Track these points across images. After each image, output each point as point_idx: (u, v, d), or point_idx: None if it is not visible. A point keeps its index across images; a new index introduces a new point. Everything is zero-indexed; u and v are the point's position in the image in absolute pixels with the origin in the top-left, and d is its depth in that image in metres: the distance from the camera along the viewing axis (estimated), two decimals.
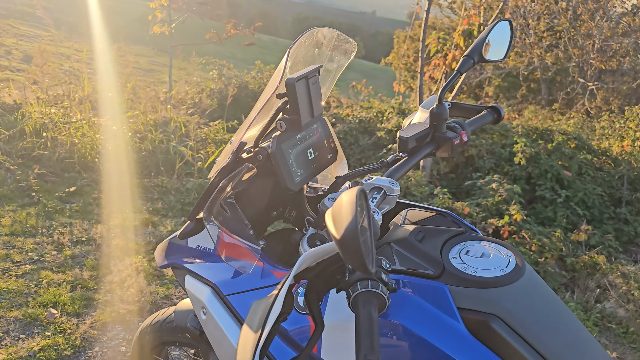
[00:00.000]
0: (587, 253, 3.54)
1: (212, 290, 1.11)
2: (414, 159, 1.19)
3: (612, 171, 5.11)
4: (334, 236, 0.61)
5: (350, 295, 0.75)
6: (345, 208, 0.62)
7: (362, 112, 6.25)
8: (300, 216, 1.16)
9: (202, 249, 1.17)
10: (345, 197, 0.64)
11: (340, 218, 0.61)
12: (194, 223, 1.10)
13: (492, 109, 1.32)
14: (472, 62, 1.22)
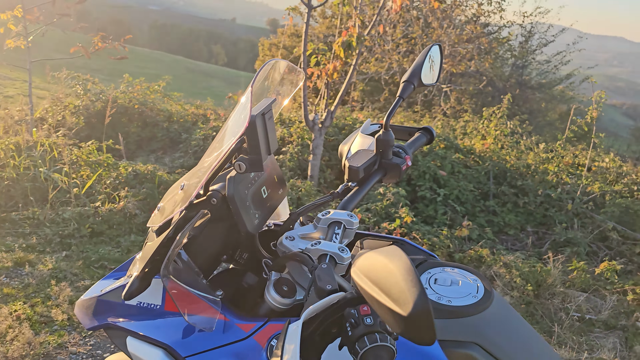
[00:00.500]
0: (472, 247, 3.84)
1: (165, 353, 0.99)
2: (364, 187, 1.18)
3: (478, 168, 5.60)
4: (397, 312, 0.56)
5: (359, 351, 0.71)
6: (403, 277, 0.58)
7: None
8: (253, 258, 1.09)
9: (144, 305, 1.04)
10: (397, 262, 0.60)
11: (400, 289, 0.57)
12: (138, 280, 0.97)
13: (424, 130, 1.35)
14: (413, 87, 1.23)
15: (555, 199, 5.22)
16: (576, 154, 6.51)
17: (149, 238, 1.08)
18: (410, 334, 0.57)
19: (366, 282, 0.63)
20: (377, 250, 0.67)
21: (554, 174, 5.53)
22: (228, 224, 1.03)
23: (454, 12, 14.93)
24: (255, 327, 0.96)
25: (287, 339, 0.71)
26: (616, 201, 5.37)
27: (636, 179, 6.19)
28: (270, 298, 0.96)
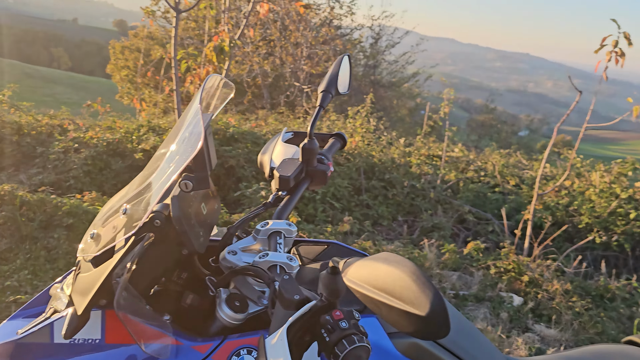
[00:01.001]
0: (356, 241, 4.04)
1: None
2: (295, 195, 1.21)
3: (349, 165, 5.88)
4: (414, 313, 0.60)
5: (339, 354, 0.75)
6: (414, 280, 0.62)
7: (107, 133, 5.77)
8: (192, 277, 1.06)
9: (80, 342, 0.96)
10: (403, 267, 0.64)
11: (413, 292, 0.61)
12: (77, 315, 0.90)
13: (337, 136, 1.42)
14: (331, 96, 1.29)
15: (419, 189, 5.69)
16: (430, 146, 7.14)
17: (81, 269, 1.00)
18: (428, 331, 0.62)
19: (369, 290, 0.67)
20: (371, 258, 0.71)
21: (417, 166, 6.01)
22: (169, 245, 1.00)
23: (309, 15, 15.40)
24: (212, 346, 0.94)
25: (269, 353, 0.73)
26: (469, 187, 6.01)
27: (481, 165, 6.97)
28: (223, 315, 0.95)
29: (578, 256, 4.24)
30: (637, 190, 5.17)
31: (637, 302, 3.63)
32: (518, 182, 6.22)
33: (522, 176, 6.58)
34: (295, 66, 15.04)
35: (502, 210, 5.01)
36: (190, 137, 0.89)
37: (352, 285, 0.70)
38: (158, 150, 1.07)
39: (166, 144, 1.04)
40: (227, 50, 4.23)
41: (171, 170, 0.88)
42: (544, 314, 3.44)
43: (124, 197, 1.00)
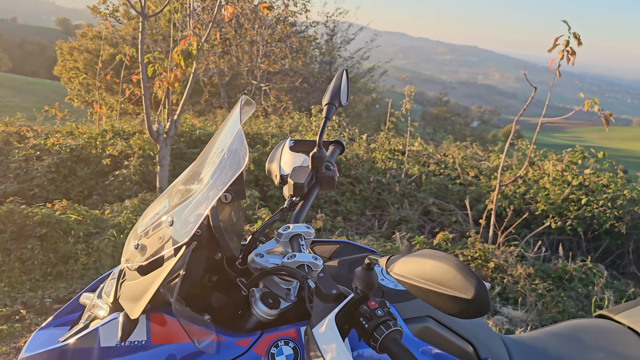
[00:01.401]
0: (330, 237, 4.17)
1: None
2: (309, 200, 1.31)
3: None
4: (461, 297, 0.71)
5: (378, 338, 0.86)
6: (458, 270, 0.73)
7: (69, 139, 5.68)
8: (221, 280, 1.15)
9: (126, 344, 1.04)
10: (447, 260, 0.75)
11: (459, 279, 0.73)
12: (130, 320, 0.98)
13: (336, 143, 1.52)
14: (335, 108, 1.39)
15: (385, 184, 5.87)
16: (391, 141, 7.35)
17: (126, 278, 1.07)
18: (473, 312, 0.74)
19: (418, 281, 0.78)
20: (415, 255, 0.82)
21: (381, 161, 6.19)
22: (206, 251, 1.09)
23: (264, 13, 15.37)
24: (252, 340, 1.04)
25: (320, 340, 0.83)
26: (431, 180, 6.24)
27: (441, 158, 7.24)
28: (259, 311, 1.05)
29: (538, 242, 4.51)
30: (587, 177, 5.52)
31: (593, 282, 3.92)
32: (477, 174, 6.51)
33: (480, 167, 6.88)
34: (252, 64, 15.02)
35: (465, 201, 5.24)
36: (235, 153, 0.98)
37: (400, 279, 0.81)
38: (195, 162, 1.15)
39: (205, 155, 1.12)
40: (195, 54, 4.26)
41: (213, 183, 0.97)
42: (510, 297, 3.67)
43: (163, 208, 1.08)
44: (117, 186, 4.80)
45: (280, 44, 15.18)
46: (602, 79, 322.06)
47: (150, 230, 1.04)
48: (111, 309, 1.07)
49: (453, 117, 24.40)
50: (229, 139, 1.03)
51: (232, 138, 1.00)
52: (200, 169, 1.09)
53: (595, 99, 3.40)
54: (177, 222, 0.97)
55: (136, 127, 5.87)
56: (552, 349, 1.36)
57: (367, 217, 5.50)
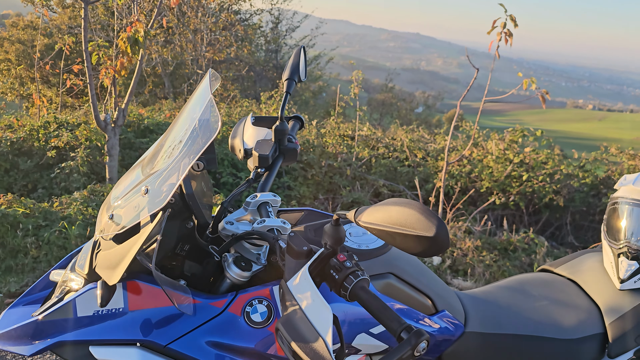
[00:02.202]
0: None
1: (141, 349, 1.05)
2: (273, 171, 1.37)
3: None
4: (424, 235, 0.79)
5: (348, 288, 0.93)
6: (421, 212, 0.80)
7: (8, 132, 5.45)
8: (195, 247, 1.18)
9: (104, 312, 1.06)
10: (410, 205, 0.82)
11: (422, 220, 0.80)
12: (109, 287, 1.01)
13: (296, 118, 1.58)
14: (295, 83, 1.45)
15: (336, 167, 5.97)
16: (340, 126, 7.46)
17: (102, 248, 1.09)
18: (436, 248, 0.81)
19: (385, 226, 0.85)
20: (381, 204, 0.89)
21: (332, 146, 6.28)
22: (179, 220, 1.12)
23: (207, 1, 15.12)
24: (227, 301, 1.09)
25: (295, 291, 0.90)
26: (381, 162, 6.40)
27: (389, 142, 7.42)
28: (233, 274, 1.10)
29: (484, 217, 4.73)
30: (527, 155, 5.82)
31: (535, 251, 4.16)
32: (424, 155, 6.72)
33: (427, 149, 7.10)
34: (196, 53, 14.75)
35: (415, 181, 5.42)
36: (206, 121, 1.01)
37: (368, 226, 0.88)
38: (164, 135, 1.18)
39: (174, 128, 1.15)
40: (142, 40, 4.18)
41: (186, 151, 1.01)
42: (460, 269, 3.85)
43: (137, 179, 1.11)
44: (64, 178, 4.67)
45: (225, 32, 14.97)
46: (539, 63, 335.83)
47: (123, 201, 1.07)
48: (86, 280, 1.10)
49: (399, 103, 24.86)
50: (198, 109, 1.07)
51: (203, 107, 1.04)
52: (170, 140, 1.12)
53: (532, 78, 3.60)
54: (151, 191, 1.01)
55: (81, 118, 5.70)
56: (501, 300, 1.49)
57: (320, 201, 5.59)
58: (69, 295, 1.09)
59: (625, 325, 1.46)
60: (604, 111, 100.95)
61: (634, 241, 1.56)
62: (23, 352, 1.08)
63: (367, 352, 1.19)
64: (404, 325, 0.85)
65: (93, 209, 3.89)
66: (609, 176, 5.78)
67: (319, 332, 0.82)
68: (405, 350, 0.81)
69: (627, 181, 1.65)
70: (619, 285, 1.56)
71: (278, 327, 0.87)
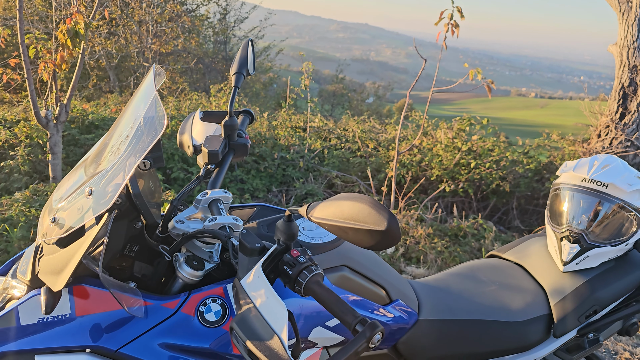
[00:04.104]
0: None
1: (90, 355, 1.01)
2: (223, 167, 1.34)
3: None
4: (376, 229, 0.79)
5: (302, 283, 0.93)
6: (372, 206, 0.80)
7: None
8: (144, 248, 1.15)
9: (49, 319, 1.02)
10: (361, 200, 0.82)
11: (373, 214, 0.80)
12: (53, 293, 0.96)
13: (245, 113, 1.56)
14: (243, 76, 1.42)
15: (289, 160, 5.96)
16: (291, 118, 7.44)
17: (44, 252, 1.04)
18: (387, 242, 0.82)
19: (337, 221, 0.85)
20: (333, 199, 0.89)
21: (284, 138, 6.26)
22: (126, 221, 1.09)
23: None
24: (180, 301, 1.07)
25: (249, 288, 0.89)
26: (333, 154, 6.43)
27: (341, 133, 7.46)
28: (185, 274, 1.08)
29: (435, 204, 4.84)
30: (474, 143, 5.98)
31: (484, 236, 4.30)
32: (376, 145, 6.80)
33: (379, 139, 7.18)
34: (142, 45, 14.33)
35: (367, 171, 5.48)
36: (151, 119, 0.98)
37: (320, 222, 0.88)
38: (107, 134, 1.13)
39: (118, 125, 1.11)
40: (83, 33, 4.03)
41: (131, 150, 0.97)
42: (413, 256, 3.93)
43: (79, 180, 1.06)
44: (4, 178, 4.45)
45: (171, 23, 14.59)
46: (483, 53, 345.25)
47: (67, 203, 1.03)
48: (29, 287, 1.05)
49: (349, 94, 24.99)
50: (143, 106, 1.03)
51: (148, 105, 1.00)
52: (115, 138, 1.08)
53: (478, 69, 3.70)
54: (96, 192, 0.97)
55: (19, 115, 5.44)
56: (453, 286, 1.53)
57: (273, 193, 5.57)
58: (11, 304, 1.04)
59: (568, 305, 1.53)
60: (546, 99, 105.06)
61: (575, 225, 1.64)
62: None
63: (323, 344, 1.20)
64: (359, 318, 0.86)
65: (36, 209, 3.73)
66: (551, 161, 6.02)
67: (274, 330, 0.81)
68: (361, 343, 0.82)
69: (567, 167, 1.73)
70: (562, 267, 1.63)
71: (232, 327, 0.86)
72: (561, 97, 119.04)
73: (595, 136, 5.64)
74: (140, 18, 14.19)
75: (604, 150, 5.43)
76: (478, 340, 1.42)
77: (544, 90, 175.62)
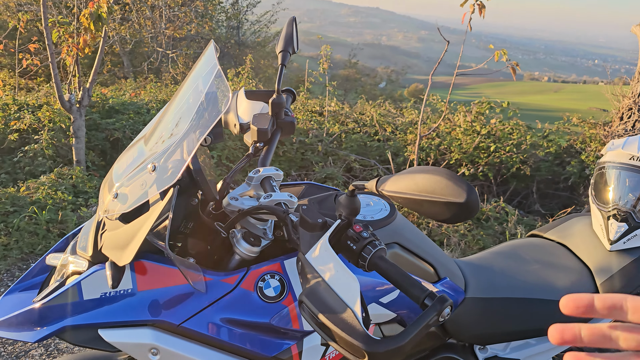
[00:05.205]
0: None
1: (153, 329, 1.03)
2: (272, 145, 1.34)
3: None
4: (455, 201, 0.78)
5: (367, 258, 0.93)
6: (449, 178, 0.80)
7: None
8: (199, 225, 1.16)
9: (112, 294, 1.03)
10: (436, 172, 0.81)
11: (451, 186, 0.79)
12: (116, 268, 0.98)
13: (288, 91, 1.55)
14: (289, 54, 1.42)
15: (308, 143, 5.95)
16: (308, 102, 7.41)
17: (107, 228, 1.06)
18: (467, 213, 0.81)
19: (411, 194, 0.84)
20: (405, 172, 0.88)
21: (302, 122, 6.25)
22: (185, 196, 1.10)
23: None
24: (239, 277, 1.08)
25: (315, 263, 0.89)
26: (351, 137, 6.41)
27: (357, 117, 7.43)
28: (243, 250, 1.09)
29: None
30: (494, 126, 5.93)
31: (506, 220, 4.28)
32: (393, 129, 6.76)
33: (395, 123, 7.15)
34: (155, 30, 14.33)
35: (388, 155, 5.46)
36: (213, 94, 0.98)
37: (392, 194, 0.87)
38: (164, 110, 1.13)
39: (174, 102, 1.11)
40: (105, 17, 4.03)
41: (195, 125, 0.98)
42: (436, 239, 3.93)
43: (140, 156, 1.07)
44: (28, 162, 4.50)
45: (184, 8, 14.57)
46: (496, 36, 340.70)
47: (128, 179, 1.04)
48: (90, 262, 1.06)
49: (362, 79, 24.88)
50: (204, 82, 1.03)
51: (210, 80, 1.00)
52: (173, 115, 1.09)
53: (504, 50, 3.65)
54: (159, 167, 0.98)
55: (41, 99, 5.47)
56: (496, 264, 1.53)
57: (293, 177, 5.57)
58: (73, 279, 1.06)
59: (615, 284, 1.53)
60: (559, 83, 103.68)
61: (622, 204, 1.62)
62: (27, 339, 1.04)
63: (376, 321, 1.20)
64: (427, 292, 0.86)
65: (62, 192, 3.77)
66: (571, 145, 5.96)
67: (346, 303, 0.82)
68: (432, 316, 0.82)
69: (614, 146, 1.71)
70: (609, 246, 1.62)
71: (302, 300, 0.86)
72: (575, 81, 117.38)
73: (617, 119, 5.56)
74: (153, 3, 14.16)
75: (626, 133, 5.36)
76: (522, 317, 1.42)
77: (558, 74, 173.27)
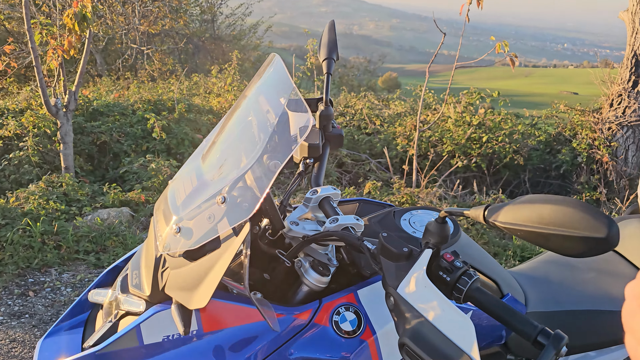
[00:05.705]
0: None
1: None
2: (323, 160, 1.26)
3: None
4: (595, 236, 0.69)
5: (463, 290, 0.86)
6: (585, 210, 0.71)
7: None
8: (256, 253, 1.07)
9: (176, 337, 0.94)
10: (568, 202, 0.72)
11: (588, 219, 0.71)
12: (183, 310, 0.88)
13: None
14: (334, 62, 1.33)
15: None
16: None
17: (169, 265, 0.96)
18: (605, 248, 0.72)
19: (533, 227, 0.76)
20: (521, 201, 0.79)
21: None
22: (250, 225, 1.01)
23: None
24: (313, 311, 0.99)
25: (412, 299, 0.81)
26: None
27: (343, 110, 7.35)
28: (312, 280, 1.00)
29: (456, 181, 4.79)
30: (485, 117, 5.92)
31: None
32: (381, 122, 6.70)
33: (383, 116, 7.09)
34: (129, 26, 13.96)
35: (384, 149, 5.40)
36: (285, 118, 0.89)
37: (510, 227, 0.79)
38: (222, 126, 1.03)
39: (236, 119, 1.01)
40: (90, 17, 3.86)
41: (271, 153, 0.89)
42: None
43: (202, 186, 0.97)
44: (13, 170, 4.31)
45: (157, 2, 14.22)
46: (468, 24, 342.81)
47: (191, 211, 0.94)
48: (147, 302, 0.97)
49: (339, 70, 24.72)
50: (273, 103, 0.94)
51: (284, 102, 0.91)
52: (236, 136, 0.99)
53: (505, 41, 3.62)
54: (230, 200, 0.88)
55: (22, 104, 5.25)
56: (552, 275, 1.47)
57: (285, 176, 5.48)
58: (128, 320, 0.97)
59: None
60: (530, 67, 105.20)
61: None
62: None
63: None
64: (539, 329, 0.79)
65: (54, 201, 3.61)
66: (559, 132, 5.99)
67: (460, 348, 0.74)
68: (551, 357, 0.75)
69: None
70: None
71: (405, 342, 0.78)
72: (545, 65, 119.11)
73: (607, 105, 5.60)
74: None
75: (617, 120, 5.41)
76: (589, 330, 1.37)
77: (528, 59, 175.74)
